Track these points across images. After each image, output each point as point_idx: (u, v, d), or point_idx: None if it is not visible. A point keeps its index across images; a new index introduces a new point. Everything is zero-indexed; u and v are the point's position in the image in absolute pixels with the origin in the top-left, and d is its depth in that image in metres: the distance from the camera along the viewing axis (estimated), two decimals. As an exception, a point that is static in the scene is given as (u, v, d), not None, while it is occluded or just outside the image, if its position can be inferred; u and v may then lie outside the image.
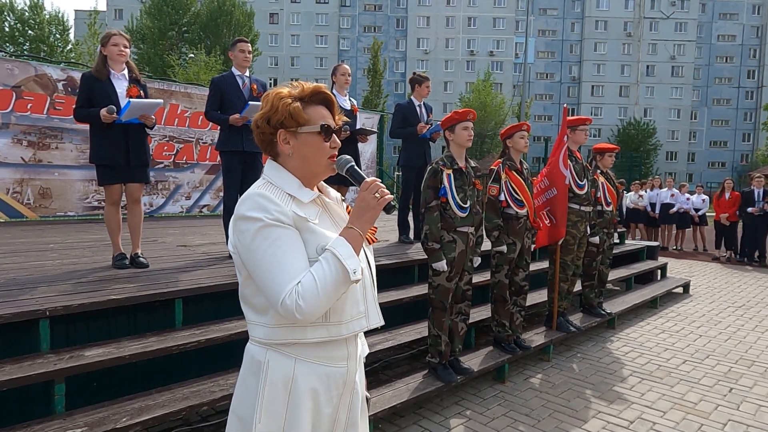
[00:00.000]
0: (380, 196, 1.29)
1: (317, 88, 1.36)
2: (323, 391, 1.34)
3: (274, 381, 1.30)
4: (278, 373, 1.30)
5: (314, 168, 1.37)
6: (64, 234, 5.67)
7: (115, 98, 3.62)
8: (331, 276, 1.22)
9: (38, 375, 2.37)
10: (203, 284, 3.30)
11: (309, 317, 1.23)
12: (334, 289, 1.24)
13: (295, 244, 1.27)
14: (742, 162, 54.13)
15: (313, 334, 1.31)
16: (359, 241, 1.28)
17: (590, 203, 4.93)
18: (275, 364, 1.31)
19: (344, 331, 1.34)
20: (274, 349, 1.32)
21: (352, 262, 1.24)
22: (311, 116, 1.35)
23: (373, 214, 1.30)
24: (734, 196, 10.81)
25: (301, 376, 1.31)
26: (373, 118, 11.35)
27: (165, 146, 7.95)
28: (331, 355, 1.35)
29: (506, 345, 4.15)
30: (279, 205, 1.27)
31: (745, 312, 6.45)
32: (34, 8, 29.29)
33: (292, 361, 1.31)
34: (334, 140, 1.37)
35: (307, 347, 1.32)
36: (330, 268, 1.23)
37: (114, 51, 3.65)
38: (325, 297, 1.22)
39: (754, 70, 55.50)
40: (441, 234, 3.44)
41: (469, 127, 3.52)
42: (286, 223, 1.27)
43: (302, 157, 1.36)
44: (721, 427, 3.37)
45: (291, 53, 54.84)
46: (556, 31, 55.99)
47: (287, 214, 1.27)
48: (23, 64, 6.79)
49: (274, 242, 1.24)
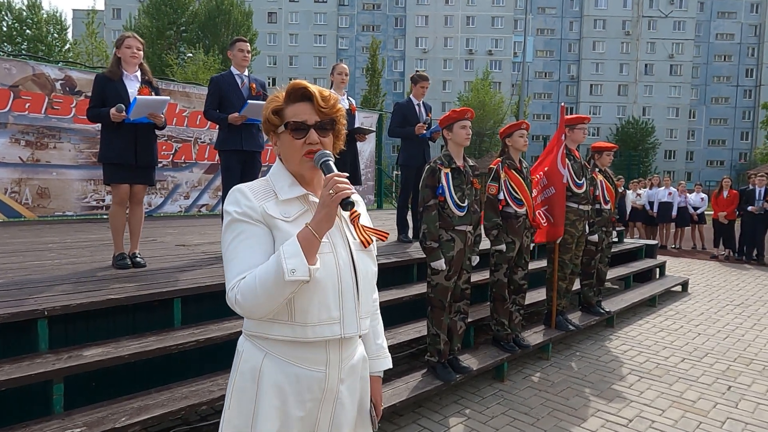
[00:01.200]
0: (334, 193, 1.19)
1: (294, 85, 1.35)
2: (291, 392, 1.31)
3: (243, 370, 1.34)
4: (248, 364, 1.33)
5: (293, 166, 1.37)
6: (63, 234, 5.67)
7: (126, 98, 3.67)
8: (270, 274, 1.19)
9: (37, 375, 2.37)
10: (202, 284, 3.30)
11: (248, 313, 1.25)
12: (275, 288, 1.19)
13: (256, 240, 1.27)
14: (741, 160, 54.20)
15: (279, 331, 1.30)
16: (312, 240, 1.21)
17: (588, 202, 4.94)
18: (247, 355, 1.34)
19: (310, 334, 1.29)
20: (250, 340, 1.36)
21: (294, 261, 1.18)
22: (286, 116, 1.35)
23: (327, 212, 1.21)
24: (732, 194, 10.82)
25: (268, 370, 1.30)
26: (371, 117, 11.35)
27: (163, 146, 7.94)
28: (302, 356, 1.31)
29: (505, 344, 4.15)
30: (251, 200, 1.30)
31: (743, 310, 6.46)
32: (31, 7, 29.25)
33: (262, 354, 1.32)
34: (311, 136, 1.32)
35: (276, 343, 1.31)
36: (270, 267, 1.20)
37: (127, 53, 3.73)
38: (264, 294, 1.19)
39: (752, 69, 55.56)
40: (439, 233, 3.44)
41: (467, 126, 3.52)
42: (254, 218, 1.29)
43: (283, 156, 1.39)
44: (720, 425, 3.37)
45: (289, 52, 54.81)
46: (554, 30, 56.00)
47: (256, 210, 1.29)
48: (21, 63, 6.78)
49: (237, 236, 1.28)
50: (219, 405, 2.77)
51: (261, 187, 1.35)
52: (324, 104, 1.34)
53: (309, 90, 1.34)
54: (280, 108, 1.35)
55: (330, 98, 1.36)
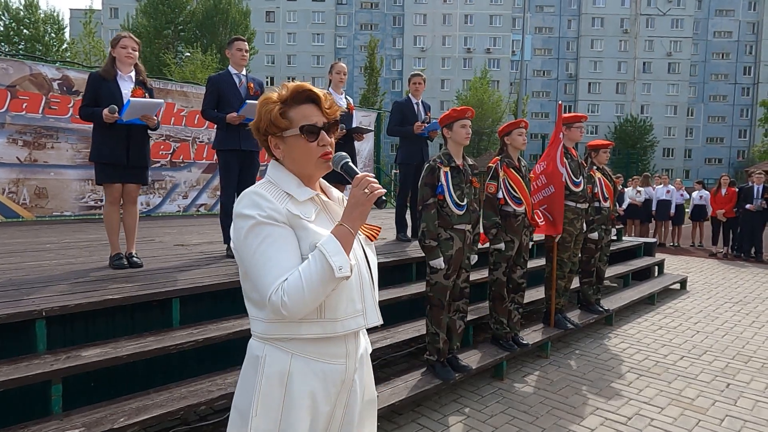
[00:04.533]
0: (369, 192, 1.26)
1: (298, 88, 1.34)
2: (321, 389, 1.33)
3: (270, 375, 1.31)
4: (274, 368, 1.31)
5: (306, 169, 1.37)
6: (61, 234, 5.66)
7: (120, 99, 3.65)
8: (316, 272, 1.22)
9: (35, 376, 2.36)
10: (201, 283, 3.30)
11: (294, 314, 1.24)
12: (321, 286, 1.22)
13: (286, 241, 1.27)
14: (739, 158, 54.29)
15: (308, 330, 1.31)
16: (349, 238, 1.27)
17: (586, 200, 4.94)
18: (272, 359, 1.32)
19: (339, 328, 1.33)
20: (272, 344, 1.33)
21: (339, 258, 1.22)
22: (293, 118, 1.34)
23: (363, 210, 1.27)
24: (731, 192, 10.83)
25: (298, 371, 1.31)
26: (370, 116, 11.34)
27: (161, 145, 7.93)
28: (328, 352, 1.34)
29: (504, 342, 4.15)
30: (273, 202, 1.29)
31: (742, 308, 6.47)
32: (29, 7, 29.16)
33: (288, 357, 1.32)
34: (323, 138, 1.34)
35: (303, 343, 1.32)
36: (316, 265, 1.22)
37: (122, 53, 3.71)
38: (310, 294, 1.22)
39: (750, 67, 55.61)
40: (438, 232, 3.44)
41: (467, 125, 3.51)
42: (279, 220, 1.28)
43: (292, 159, 1.37)
44: (719, 422, 3.38)
45: (288, 51, 54.76)
46: (552, 29, 55.99)
47: (281, 212, 1.28)
48: (18, 63, 6.76)
49: (265, 239, 1.26)
50: (218, 405, 2.77)
51: (273, 189, 1.33)
52: (328, 106, 1.36)
53: (315, 92, 1.35)
54: (283, 110, 1.34)
55: (329, 99, 1.38)
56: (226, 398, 2.64)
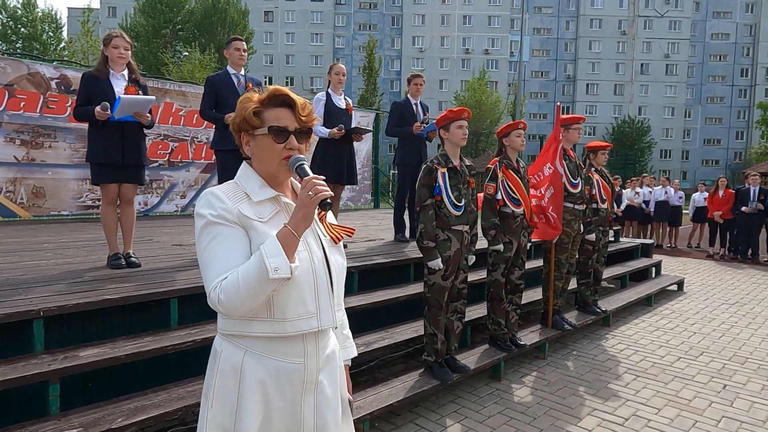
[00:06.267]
0: (314, 194, 1.26)
1: (275, 91, 1.39)
2: (272, 384, 1.35)
3: (224, 369, 1.36)
4: (228, 363, 1.36)
5: (269, 168, 1.41)
6: (58, 233, 5.64)
7: (112, 97, 3.63)
8: (252, 273, 1.24)
9: (32, 376, 2.36)
10: (199, 283, 3.29)
11: (231, 311, 1.28)
12: (257, 286, 1.24)
13: (233, 241, 1.31)
14: (736, 160, 54.45)
15: (258, 328, 1.34)
16: (291, 239, 1.27)
17: (584, 201, 4.95)
18: (227, 354, 1.37)
19: (289, 328, 1.34)
20: (228, 339, 1.39)
21: (276, 260, 1.23)
22: (266, 119, 1.38)
23: (306, 212, 1.28)
24: (728, 193, 10.87)
25: (249, 366, 1.35)
26: (368, 117, 11.34)
27: (160, 145, 7.92)
28: (281, 351, 1.36)
29: (502, 343, 4.16)
30: (225, 202, 1.33)
31: (738, 309, 6.49)
32: (26, 6, 29.12)
33: (242, 352, 1.36)
34: (291, 141, 1.38)
35: (255, 340, 1.35)
36: (253, 265, 1.25)
37: (114, 53, 3.70)
38: (246, 292, 1.24)
39: (747, 68, 55.79)
40: (436, 232, 3.44)
41: (464, 125, 3.52)
42: (230, 220, 1.31)
43: (259, 157, 1.42)
44: (715, 423, 3.39)
45: (286, 51, 54.70)
46: (550, 30, 56.09)
47: (231, 212, 1.32)
48: (16, 62, 6.74)
49: (213, 239, 1.30)
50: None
51: (232, 189, 1.38)
52: (303, 113, 1.40)
53: (291, 97, 1.39)
54: (259, 110, 1.39)
55: (307, 107, 1.42)
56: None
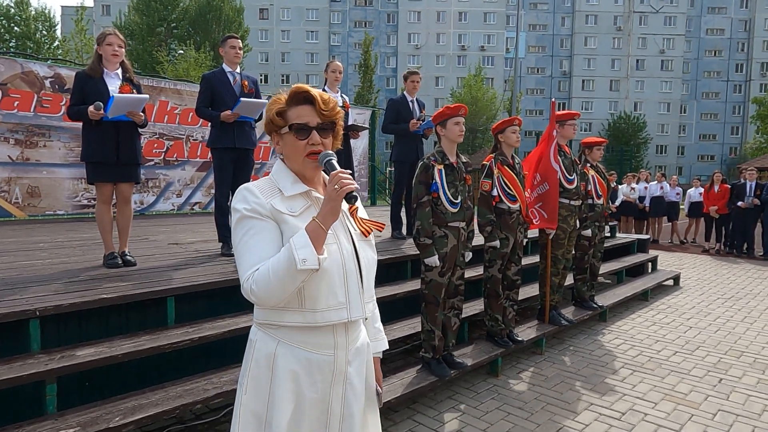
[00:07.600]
0: (339, 188, 1.31)
1: (294, 90, 1.44)
2: (304, 375, 1.40)
3: (258, 358, 1.42)
4: (262, 352, 1.41)
5: (295, 165, 1.46)
6: (54, 233, 5.62)
7: (107, 96, 3.61)
8: (282, 264, 1.29)
9: (29, 375, 2.35)
10: (195, 282, 3.29)
11: (263, 301, 1.34)
12: (287, 277, 1.28)
13: (266, 234, 1.36)
14: (731, 155, 54.61)
15: (290, 318, 1.39)
16: (319, 232, 1.32)
17: (580, 197, 4.96)
18: (260, 344, 1.43)
19: (320, 319, 1.38)
20: (262, 329, 1.44)
21: (304, 251, 1.28)
22: (289, 117, 1.43)
23: (333, 205, 1.32)
24: (723, 188, 10.90)
25: (281, 356, 1.39)
26: (364, 114, 11.33)
27: (155, 143, 7.89)
28: (312, 342, 1.40)
29: (499, 339, 4.17)
30: (259, 197, 1.38)
31: (734, 303, 6.52)
32: (19, 4, 28.90)
33: (275, 342, 1.41)
34: (313, 137, 1.42)
35: (288, 330, 1.40)
36: (282, 257, 1.30)
37: (108, 51, 3.67)
38: (277, 283, 1.29)
39: (742, 64, 55.93)
40: (433, 229, 3.45)
41: (461, 122, 3.52)
42: (263, 214, 1.37)
43: (287, 155, 1.48)
44: (711, 417, 3.41)
45: (281, 49, 54.53)
46: (546, 26, 56.09)
47: (264, 206, 1.38)
48: (9, 61, 6.70)
49: (248, 231, 1.36)
50: (214, 403, 2.77)
51: (266, 185, 1.43)
52: (325, 107, 1.43)
53: (311, 93, 1.43)
54: (283, 110, 1.44)
55: (330, 101, 1.45)
56: (222, 396, 2.64)
